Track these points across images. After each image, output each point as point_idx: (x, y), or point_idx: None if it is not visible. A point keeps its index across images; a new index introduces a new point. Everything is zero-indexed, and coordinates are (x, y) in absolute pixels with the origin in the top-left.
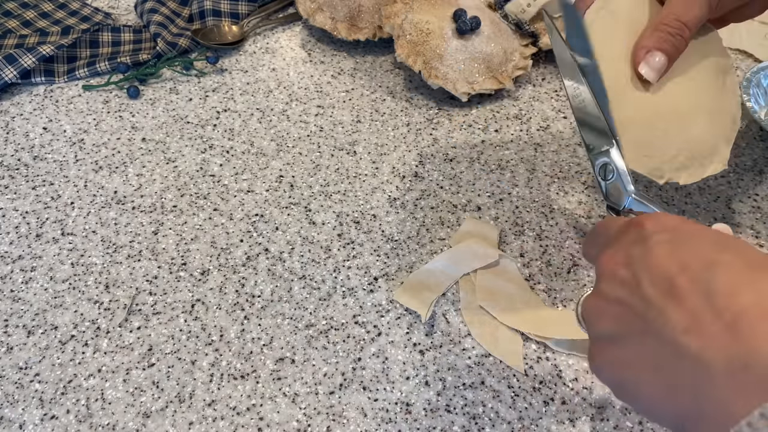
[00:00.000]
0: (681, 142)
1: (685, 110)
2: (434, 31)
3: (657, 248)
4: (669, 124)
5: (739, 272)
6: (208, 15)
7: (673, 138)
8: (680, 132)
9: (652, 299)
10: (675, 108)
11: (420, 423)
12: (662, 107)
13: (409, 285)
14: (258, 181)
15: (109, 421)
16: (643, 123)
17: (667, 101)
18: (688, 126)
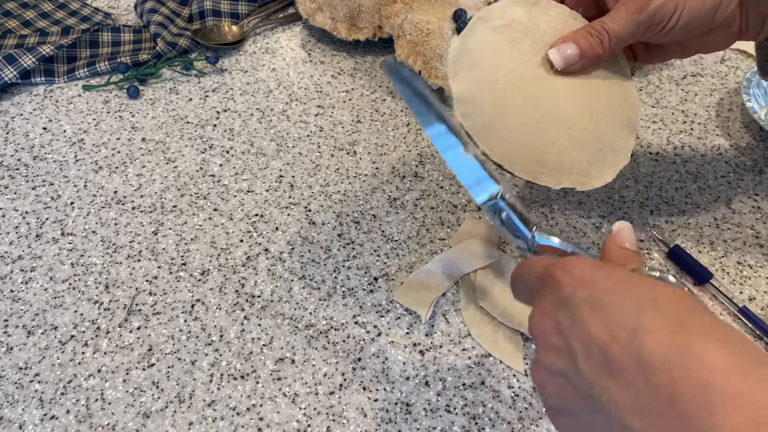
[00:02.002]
0: (571, 153)
1: (575, 121)
2: (434, 31)
3: (581, 312)
4: (559, 135)
5: (664, 337)
6: (208, 15)
7: (564, 149)
8: (570, 143)
9: (591, 376)
10: (566, 118)
11: (420, 423)
12: (556, 118)
13: (409, 285)
14: (258, 181)
15: (109, 421)
16: (534, 131)
17: (562, 113)
18: (578, 138)
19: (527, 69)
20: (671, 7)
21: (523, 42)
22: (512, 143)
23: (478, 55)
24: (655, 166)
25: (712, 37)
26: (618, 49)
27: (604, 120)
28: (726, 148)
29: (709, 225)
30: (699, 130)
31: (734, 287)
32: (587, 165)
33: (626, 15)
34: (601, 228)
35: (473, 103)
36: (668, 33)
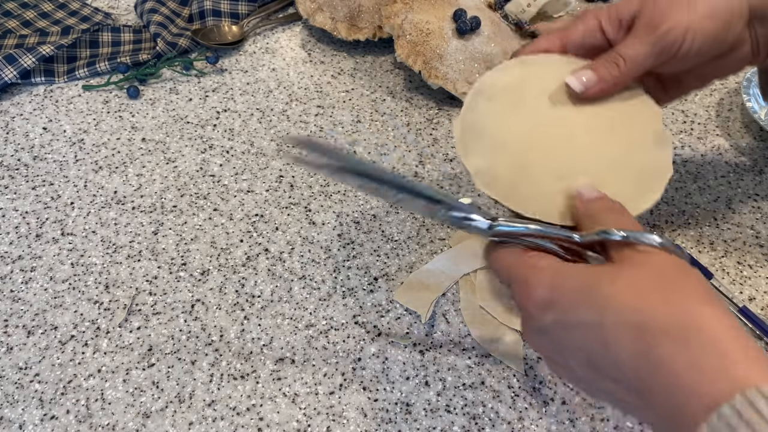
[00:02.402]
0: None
1: (599, 157)
2: (434, 31)
3: (558, 336)
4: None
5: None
6: (208, 15)
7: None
8: (601, 179)
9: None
10: (589, 158)
11: (420, 423)
12: (579, 162)
13: (409, 285)
14: (258, 181)
15: (109, 421)
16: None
17: (583, 154)
18: (607, 172)
19: (535, 124)
20: (681, 30)
21: (524, 100)
22: (542, 198)
23: (482, 127)
24: None
25: (724, 61)
26: (636, 73)
27: (631, 145)
28: (726, 148)
29: (709, 225)
30: (699, 130)
31: (734, 287)
32: (630, 192)
33: (639, 39)
34: None
35: (490, 172)
36: (683, 57)
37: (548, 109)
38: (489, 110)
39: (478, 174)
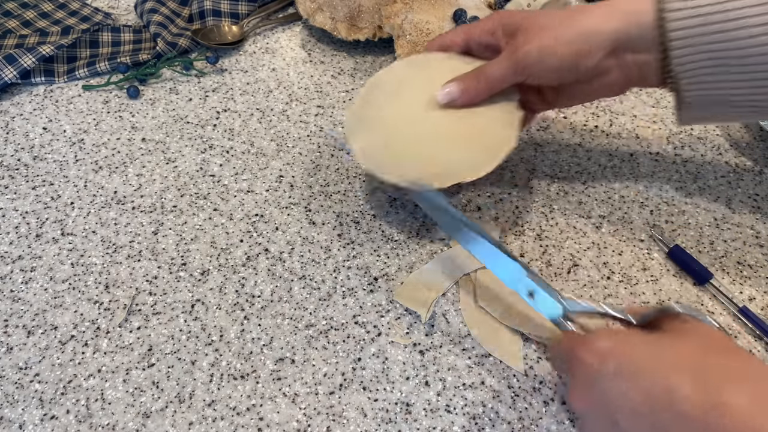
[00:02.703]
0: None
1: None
2: (434, 31)
3: (614, 384)
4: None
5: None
6: (208, 15)
7: (448, 156)
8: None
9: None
10: (447, 135)
11: (420, 423)
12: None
13: (409, 285)
14: (258, 181)
15: (109, 421)
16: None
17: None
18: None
19: (406, 113)
20: (535, 53)
21: (402, 93)
22: (404, 166)
23: (367, 114)
24: (655, 166)
25: (594, 85)
26: (497, 88)
27: (483, 128)
28: (726, 148)
29: (709, 225)
30: (699, 130)
31: (734, 287)
32: (472, 158)
33: (501, 60)
34: (601, 228)
35: (370, 150)
36: (540, 75)
37: (420, 101)
38: (374, 99)
39: (360, 150)
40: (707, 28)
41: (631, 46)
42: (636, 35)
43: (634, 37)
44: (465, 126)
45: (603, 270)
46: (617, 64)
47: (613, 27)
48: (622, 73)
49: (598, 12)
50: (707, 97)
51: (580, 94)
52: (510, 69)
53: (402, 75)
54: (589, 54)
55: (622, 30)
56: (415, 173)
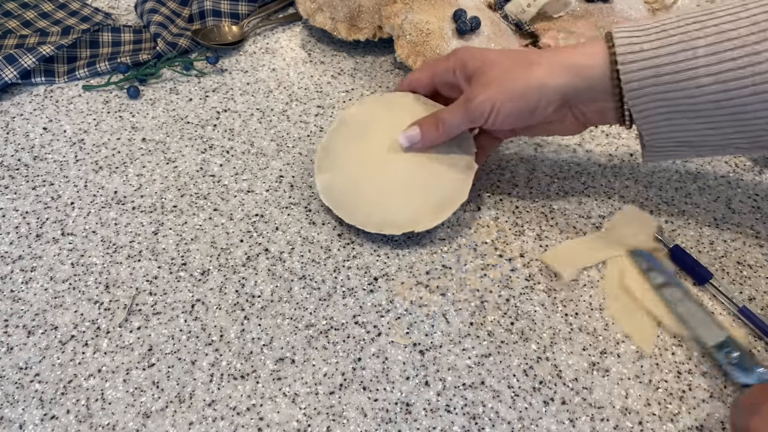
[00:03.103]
0: (412, 205)
1: (412, 183)
2: (434, 31)
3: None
4: (398, 196)
5: None
6: (208, 15)
7: (404, 204)
8: (409, 199)
9: None
10: (404, 183)
11: (420, 423)
12: (396, 185)
13: (559, 250)
14: (258, 181)
15: (109, 421)
16: (378, 198)
17: (401, 180)
18: (415, 193)
19: (370, 152)
20: (488, 105)
21: (368, 132)
22: (362, 207)
23: (334, 149)
24: (655, 166)
25: (554, 127)
26: (453, 134)
27: (441, 173)
28: None
29: (709, 225)
30: None
31: (734, 287)
32: (425, 209)
33: (456, 108)
34: (601, 228)
35: (332, 188)
36: (493, 125)
37: (384, 141)
38: (342, 137)
39: (322, 186)
40: (659, 79)
41: (581, 98)
42: (584, 88)
43: (582, 90)
44: (423, 173)
45: (603, 270)
46: (571, 113)
47: (561, 82)
48: (577, 119)
49: (545, 65)
50: (666, 140)
51: (541, 131)
52: (464, 118)
53: (369, 114)
54: (538, 107)
55: (569, 84)
56: (370, 218)
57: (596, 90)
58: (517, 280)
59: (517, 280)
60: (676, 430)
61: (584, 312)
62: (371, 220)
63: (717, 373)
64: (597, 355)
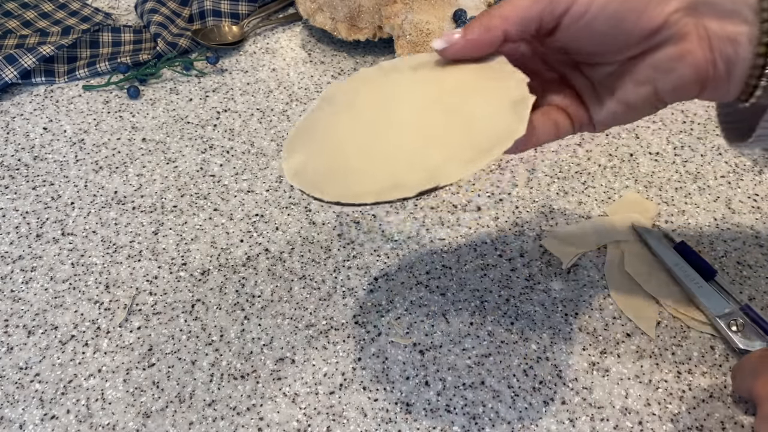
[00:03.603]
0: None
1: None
2: (434, 32)
3: None
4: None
5: None
6: (208, 15)
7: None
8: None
9: None
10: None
11: (420, 423)
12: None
13: (558, 236)
14: (258, 181)
15: (109, 421)
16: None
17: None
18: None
19: (364, 123)
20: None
21: (360, 103)
22: (352, 178)
23: (314, 128)
24: (655, 166)
25: (661, 58)
26: (514, 25)
27: (477, 112)
28: (726, 148)
29: (709, 225)
30: (699, 130)
31: (734, 287)
32: (456, 156)
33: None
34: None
35: (303, 166)
36: (581, 21)
37: (384, 102)
38: (324, 113)
39: (290, 168)
40: None
41: (718, 6)
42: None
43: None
44: (445, 114)
45: (603, 270)
46: (696, 32)
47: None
48: (703, 45)
49: None
50: None
51: (634, 85)
52: (533, 4)
53: (362, 87)
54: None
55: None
56: (365, 185)
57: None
58: (517, 280)
59: (517, 280)
60: (676, 430)
61: (584, 312)
62: (367, 188)
63: (717, 372)
64: (597, 355)
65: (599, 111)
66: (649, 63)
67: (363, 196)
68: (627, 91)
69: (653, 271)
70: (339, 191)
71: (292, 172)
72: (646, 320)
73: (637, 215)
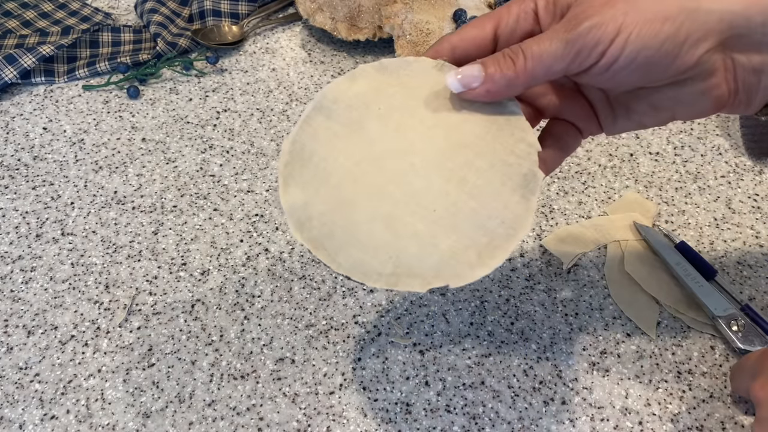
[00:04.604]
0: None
1: (439, 199)
2: (434, 32)
3: None
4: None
5: None
6: (208, 15)
7: (428, 239)
8: (435, 230)
9: None
10: (426, 198)
11: (420, 423)
12: (411, 201)
13: (559, 236)
14: (258, 181)
15: (109, 421)
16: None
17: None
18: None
19: (371, 152)
20: (612, 29)
21: (366, 119)
22: (359, 247)
23: (312, 150)
24: (655, 166)
25: (685, 93)
26: (538, 77)
27: (485, 187)
28: (726, 148)
29: (709, 225)
30: (699, 130)
31: (734, 287)
32: (464, 251)
33: (553, 33)
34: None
35: (306, 210)
36: (608, 67)
37: (392, 134)
38: (323, 129)
39: (292, 211)
40: None
41: (751, 38)
42: (760, 22)
43: (757, 25)
44: (457, 186)
45: (603, 270)
46: (724, 66)
47: (729, 7)
48: (728, 79)
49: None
50: None
51: (650, 110)
52: (563, 50)
53: (366, 94)
54: (686, 41)
55: (740, 13)
56: (376, 264)
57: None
58: (517, 280)
59: (517, 280)
60: (676, 430)
61: (584, 312)
62: (376, 266)
63: (717, 372)
64: (597, 355)
65: (611, 125)
66: (671, 95)
67: (374, 278)
68: (644, 113)
69: (653, 271)
70: (349, 262)
71: (294, 216)
72: (646, 320)
73: (637, 215)
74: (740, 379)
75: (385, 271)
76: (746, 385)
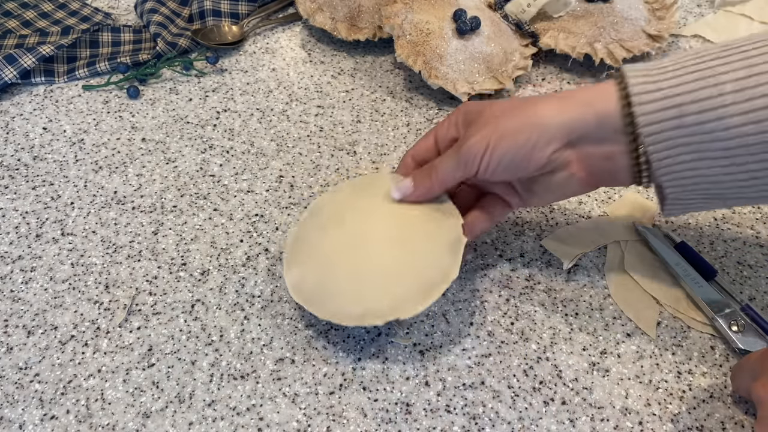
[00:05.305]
0: (394, 291)
1: (393, 264)
2: (434, 31)
3: None
4: (378, 281)
5: None
6: (208, 15)
7: (386, 290)
8: (390, 283)
9: None
10: (384, 266)
11: (420, 423)
12: (374, 269)
13: (559, 236)
14: (258, 181)
15: (109, 421)
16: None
17: (379, 263)
18: (397, 277)
19: (345, 238)
20: (482, 145)
21: (342, 217)
22: (337, 300)
23: (306, 239)
24: None
25: (557, 180)
26: (447, 184)
27: (424, 251)
28: None
29: (709, 225)
30: None
31: (734, 287)
32: (410, 294)
33: (451, 153)
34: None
35: (303, 284)
36: (486, 171)
37: (361, 223)
38: (314, 225)
39: (292, 284)
40: (683, 120)
41: (588, 138)
42: (594, 124)
43: (592, 127)
44: (405, 254)
45: (603, 270)
46: (577, 158)
47: (565, 118)
48: (584, 166)
49: (553, 101)
50: (692, 191)
51: (542, 191)
52: (457, 162)
53: (344, 202)
54: (536, 146)
55: (576, 119)
56: (348, 309)
57: (606, 128)
58: (517, 280)
59: (517, 280)
60: (676, 430)
61: (584, 312)
62: (349, 311)
63: (717, 372)
64: (597, 355)
65: (528, 201)
66: (547, 183)
67: (346, 319)
68: (542, 193)
69: (653, 271)
70: (330, 310)
71: (293, 287)
72: (646, 320)
73: (637, 215)
74: (741, 379)
75: (355, 313)
76: (747, 385)
